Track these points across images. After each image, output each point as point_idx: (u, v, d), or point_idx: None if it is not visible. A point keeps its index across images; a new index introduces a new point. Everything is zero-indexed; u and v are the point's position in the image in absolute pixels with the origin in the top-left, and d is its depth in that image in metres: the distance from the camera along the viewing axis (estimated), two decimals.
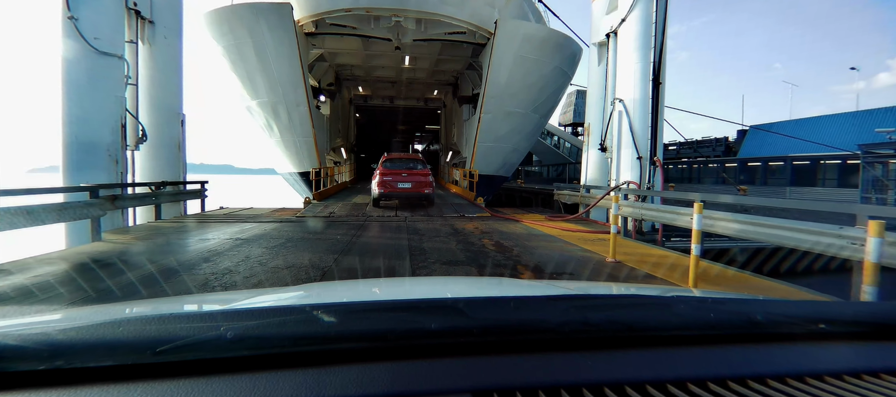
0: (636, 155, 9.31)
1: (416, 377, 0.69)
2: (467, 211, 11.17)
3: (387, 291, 1.55)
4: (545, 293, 1.32)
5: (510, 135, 16.58)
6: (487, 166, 16.43)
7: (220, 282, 4.34)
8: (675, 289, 3.05)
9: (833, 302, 1.92)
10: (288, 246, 6.31)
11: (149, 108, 10.05)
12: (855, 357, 0.82)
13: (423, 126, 36.11)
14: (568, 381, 0.69)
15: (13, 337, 0.69)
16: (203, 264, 5.10)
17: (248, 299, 1.30)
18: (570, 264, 5.57)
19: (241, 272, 4.73)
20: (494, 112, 15.31)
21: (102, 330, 0.72)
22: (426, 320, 0.79)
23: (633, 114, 9.39)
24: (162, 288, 4.09)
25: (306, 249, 6.13)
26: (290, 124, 15.38)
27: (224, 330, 0.71)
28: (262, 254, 5.68)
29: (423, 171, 11.48)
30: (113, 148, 8.46)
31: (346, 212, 10.58)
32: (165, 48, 10.46)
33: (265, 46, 13.47)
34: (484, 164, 16.28)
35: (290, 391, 0.63)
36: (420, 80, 21.79)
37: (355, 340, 0.75)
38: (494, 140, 16.14)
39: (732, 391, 0.68)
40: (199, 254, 5.65)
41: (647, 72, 9.21)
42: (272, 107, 15.08)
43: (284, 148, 16.57)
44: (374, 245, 6.73)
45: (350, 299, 1.25)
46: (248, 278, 4.50)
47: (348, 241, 6.76)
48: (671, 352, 0.80)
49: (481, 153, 16.18)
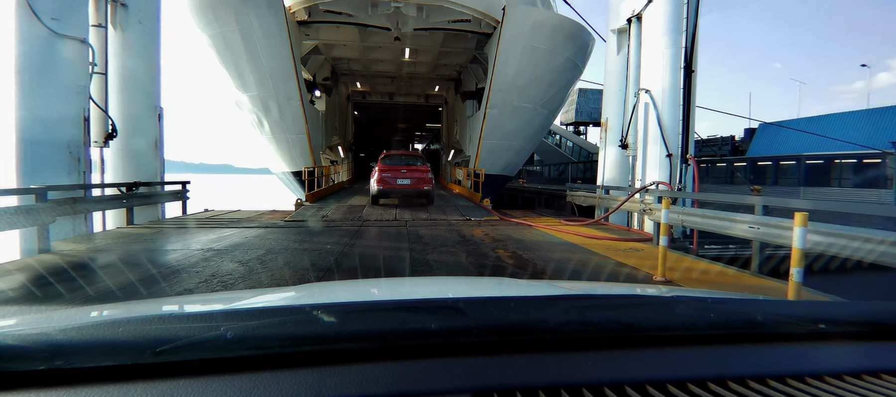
0: (665, 152, 8.30)
1: (416, 377, 0.68)
2: (473, 213, 10.16)
3: (387, 291, 1.53)
4: (545, 293, 1.29)
5: (517, 132, 15.49)
6: (492, 165, 15.38)
7: None
8: (675, 288, 2.86)
9: (833, 303, 1.80)
10: (267, 259, 5.29)
11: (121, 101, 9.03)
12: (855, 357, 0.82)
13: (424, 124, 34.79)
14: (568, 381, 0.68)
15: (13, 337, 0.69)
16: (153, 287, 4.08)
17: (249, 299, 1.30)
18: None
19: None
20: (501, 107, 14.25)
21: (102, 330, 0.73)
22: (426, 320, 0.79)
23: (662, 105, 8.37)
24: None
25: (288, 263, 5.13)
26: (281, 120, 14.21)
27: (224, 331, 0.71)
28: (232, 271, 4.68)
29: (423, 168, 11.17)
30: (75, 144, 7.43)
31: (341, 216, 9.58)
32: (140, 34, 9.44)
33: (253, 35, 12.38)
34: (489, 163, 15.22)
35: (290, 391, 0.63)
36: (421, 74, 20.63)
37: (355, 340, 0.75)
38: (501, 137, 15.09)
39: (732, 391, 0.67)
40: (158, 271, 4.64)
41: (677, 58, 8.19)
42: (262, 102, 13.87)
43: (276, 145, 15.42)
44: (369, 257, 5.72)
45: (350, 299, 1.23)
46: None
47: (339, 253, 5.75)
48: (671, 352, 0.80)
49: (486, 151, 15.12)
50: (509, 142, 15.60)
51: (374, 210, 10.46)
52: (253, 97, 13.82)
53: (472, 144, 16.41)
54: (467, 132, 17.91)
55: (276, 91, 13.31)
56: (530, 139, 16.82)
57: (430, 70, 19.65)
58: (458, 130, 20.45)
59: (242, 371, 0.67)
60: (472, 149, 16.31)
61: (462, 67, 18.71)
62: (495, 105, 14.15)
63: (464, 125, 18.95)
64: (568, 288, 1.89)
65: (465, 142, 18.40)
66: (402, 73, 20.38)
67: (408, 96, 24.89)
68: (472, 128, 16.95)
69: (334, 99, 20.25)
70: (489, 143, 14.96)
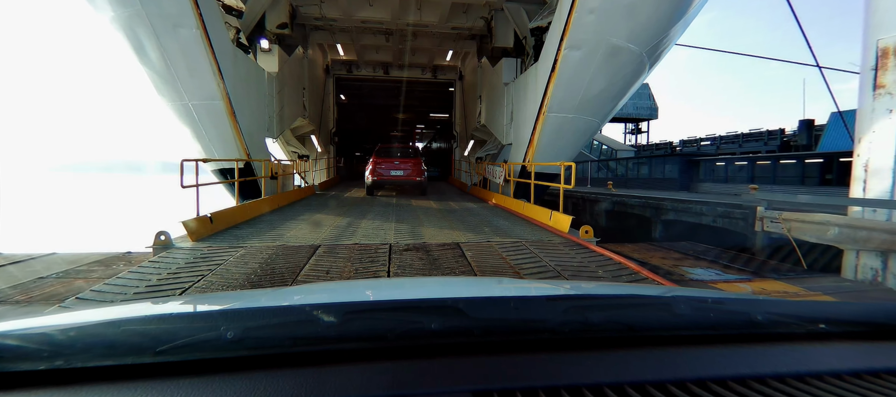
0: None
1: (416, 377, 0.67)
2: (585, 266, 3.71)
3: (387, 291, 1.45)
4: (545, 293, 1.28)
5: (603, 97, 8.78)
6: (557, 153, 8.81)
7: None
8: (675, 289, 2.72)
9: (833, 303, 1.74)
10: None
11: None
12: (855, 357, 0.81)
13: (428, 114, 27.98)
14: (568, 382, 0.67)
15: (13, 337, 0.69)
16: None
17: (248, 299, 1.27)
18: None
19: None
20: (589, 47, 7.63)
21: (102, 330, 0.72)
22: (426, 320, 0.77)
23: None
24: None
25: None
26: (167, 69, 7.40)
27: (224, 331, 0.70)
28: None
29: (415, 160, 11.67)
30: None
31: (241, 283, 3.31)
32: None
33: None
34: (551, 152, 8.73)
35: (290, 391, 0.62)
36: (429, 28, 13.54)
37: (355, 340, 0.74)
38: (577, 106, 8.45)
39: (733, 391, 0.67)
40: None
41: None
42: (128, 26, 6.95)
43: (179, 118, 8.18)
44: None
45: (350, 299, 1.18)
46: None
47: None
48: (671, 352, 0.79)
49: (550, 131, 8.59)
50: (587, 118, 8.94)
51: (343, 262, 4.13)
52: (116, 18, 7.01)
53: (514, 126, 10.44)
54: (505, 107, 11.29)
55: (147, 7, 6.62)
56: (612, 110, 10.06)
57: (442, 20, 13.00)
58: (485, 110, 13.94)
59: (242, 371, 0.66)
60: (514, 132, 10.38)
61: (495, 9, 12.06)
62: (578, 43, 7.54)
63: (495, 99, 12.31)
64: (568, 288, 1.82)
65: (499, 124, 11.94)
66: (403, 26, 13.64)
67: (409, 70, 17.83)
68: (515, 98, 10.54)
69: (301, 65, 13.30)
70: (556, 119, 8.38)
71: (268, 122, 10.07)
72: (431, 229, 6.28)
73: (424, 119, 28.57)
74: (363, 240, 5.38)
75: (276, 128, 10.61)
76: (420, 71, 18.17)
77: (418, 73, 18.24)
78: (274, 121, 10.46)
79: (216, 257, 4.42)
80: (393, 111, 24.55)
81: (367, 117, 25.51)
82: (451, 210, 8.75)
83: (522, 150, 9.31)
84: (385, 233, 5.89)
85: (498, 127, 12.09)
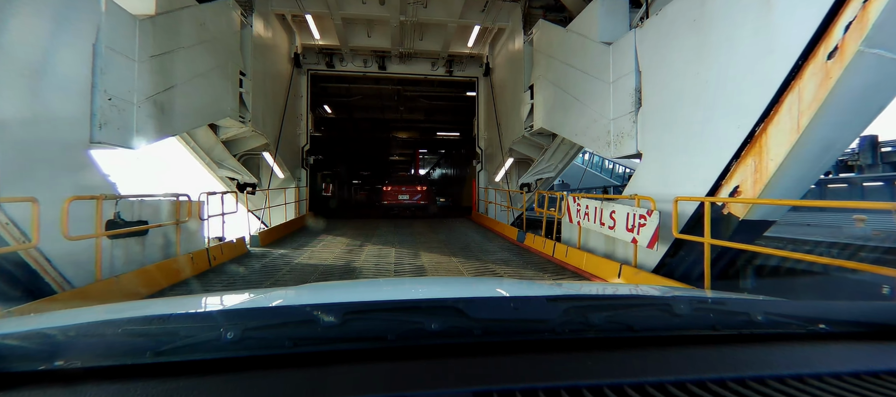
0: None
1: (415, 378, 0.66)
2: None
3: (387, 292, 1.46)
4: (545, 293, 1.24)
5: None
6: (810, 169, 3.92)
7: None
8: (675, 288, 2.77)
9: (833, 303, 1.44)
10: None
11: None
12: (855, 357, 0.80)
13: (435, 133, 20.60)
14: (568, 382, 0.66)
15: (13, 337, 0.68)
16: None
17: (248, 299, 1.26)
18: None
19: None
20: None
21: (102, 330, 0.72)
22: (426, 321, 0.76)
23: None
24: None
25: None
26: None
27: (224, 331, 0.70)
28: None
29: (422, 187, 13.93)
30: None
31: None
32: None
33: None
34: (809, 166, 3.84)
35: (290, 391, 0.62)
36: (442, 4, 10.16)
37: (355, 340, 0.73)
38: None
39: (732, 391, 0.66)
40: None
41: None
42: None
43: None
44: None
45: (350, 299, 1.18)
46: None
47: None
48: (671, 353, 0.78)
49: (847, 105, 3.37)
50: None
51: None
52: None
53: (653, 119, 5.52)
54: (609, 87, 6.44)
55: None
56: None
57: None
58: (544, 104, 9.03)
59: (242, 371, 0.66)
60: (653, 133, 5.52)
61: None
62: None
63: (575, 81, 7.53)
64: (568, 288, 1.78)
65: (588, 122, 7.14)
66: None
67: (415, 63, 13.08)
68: (651, 61, 5.58)
69: (232, 29, 8.15)
70: (880, 63, 3.13)
71: (103, 102, 4.67)
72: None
73: (430, 138, 22.16)
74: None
75: (134, 120, 5.26)
76: (430, 64, 13.16)
77: (428, 68, 13.22)
78: (133, 106, 5.23)
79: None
80: (393, 127, 18.99)
81: (359, 139, 19.50)
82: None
83: (699, 168, 4.53)
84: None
85: (585, 127, 7.14)
